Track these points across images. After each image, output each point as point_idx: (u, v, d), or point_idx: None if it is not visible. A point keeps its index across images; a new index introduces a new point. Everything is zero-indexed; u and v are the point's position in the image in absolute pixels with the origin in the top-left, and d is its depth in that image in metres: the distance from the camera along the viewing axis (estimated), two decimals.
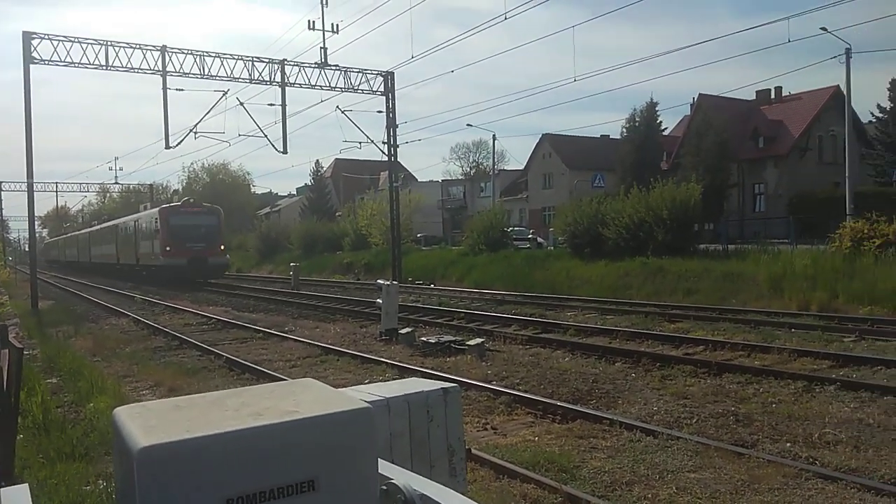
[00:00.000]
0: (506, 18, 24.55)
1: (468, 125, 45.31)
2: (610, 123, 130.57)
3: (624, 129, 45.74)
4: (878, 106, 42.46)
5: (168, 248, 31.77)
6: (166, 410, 1.35)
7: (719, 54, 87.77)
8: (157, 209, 34.91)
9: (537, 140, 59.64)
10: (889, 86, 41.28)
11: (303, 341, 13.03)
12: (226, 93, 27.19)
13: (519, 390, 8.55)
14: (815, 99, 45.79)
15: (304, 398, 1.42)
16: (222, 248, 34.41)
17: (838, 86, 39.06)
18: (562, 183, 54.78)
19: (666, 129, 49.49)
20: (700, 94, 47.71)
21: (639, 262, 22.57)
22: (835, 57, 30.74)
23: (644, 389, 8.59)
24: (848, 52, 30.22)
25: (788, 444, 6.20)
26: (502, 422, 7.47)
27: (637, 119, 44.71)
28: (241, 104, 27.70)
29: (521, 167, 64.18)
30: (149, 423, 1.25)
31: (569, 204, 31.60)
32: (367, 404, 1.42)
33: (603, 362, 10.41)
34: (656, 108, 45.03)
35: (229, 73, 27.11)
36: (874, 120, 43.18)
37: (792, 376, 8.69)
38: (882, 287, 15.16)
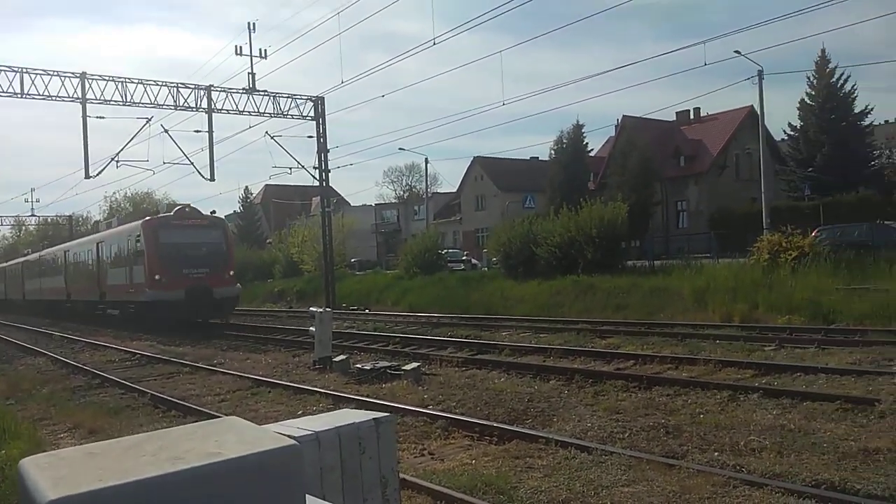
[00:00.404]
0: (434, 44, 24.78)
1: (400, 149, 45.48)
2: (539, 146, 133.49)
3: (552, 151, 46.90)
4: (790, 124, 44.82)
5: (158, 277, 22.56)
6: (78, 459, 1.27)
7: (641, 77, 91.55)
8: (140, 222, 24.85)
9: (469, 163, 60.37)
10: (799, 105, 43.71)
11: (232, 374, 12.64)
12: (149, 120, 26.52)
13: (455, 413, 8.51)
14: (731, 119, 48.09)
15: (226, 438, 1.36)
16: (231, 273, 24.78)
17: (752, 106, 41.18)
18: (494, 204, 55.50)
19: (592, 150, 50.96)
20: (624, 115, 49.45)
21: (570, 280, 23.03)
22: (749, 79, 32.51)
23: (578, 406, 8.69)
24: (760, 74, 31.94)
25: (716, 454, 6.35)
26: (439, 446, 7.41)
27: (564, 141, 45.90)
28: (166, 131, 27.09)
29: (454, 190, 64.75)
30: (58, 473, 1.18)
31: (501, 225, 32.04)
32: (293, 441, 1.37)
33: (538, 381, 10.50)
34: (582, 130, 46.37)
35: (153, 100, 26.51)
36: (786, 138, 45.56)
37: (718, 386, 8.97)
38: (798, 297, 15.93)
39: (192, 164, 27.71)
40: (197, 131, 27.85)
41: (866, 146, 42.45)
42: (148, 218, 25.49)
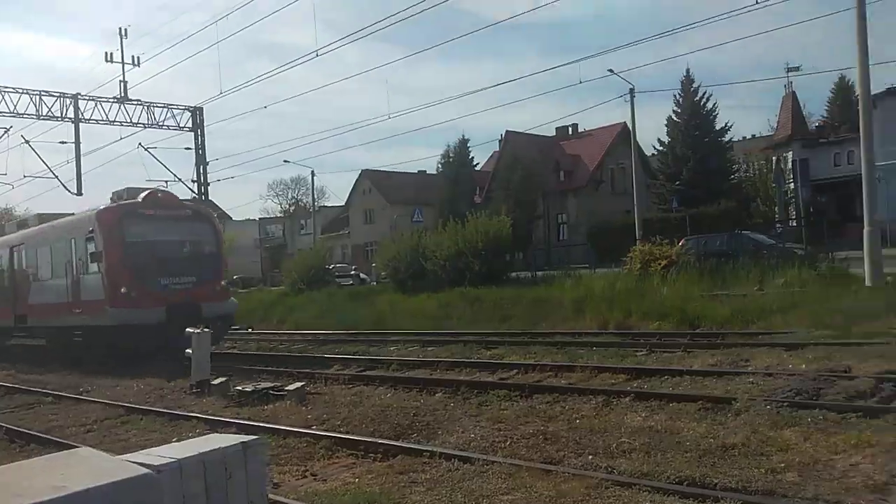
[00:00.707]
0: (317, 55, 24.66)
1: (285, 161, 44.64)
2: (427, 159, 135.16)
3: (439, 165, 47.67)
4: (659, 140, 47.91)
5: (125, 290, 16.24)
6: None
7: (524, 93, 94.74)
8: (94, 212, 17.87)
9: (357, 176, 60.11)
10: (667, 122, 46.75)
11: (101, 402, 11.84)
12: (8, 130, 24.54)
13: (340, 432, 8.38)
14: (606, 134, 50.69)
15: (74, 471, 1.28)
16: (224, 283, 18.56)
17: (626, 122, 43.66)
18: (383, 218, 55.54)
19: (478, 164, 52.18)
20: (507, 130, 50.98)
21: (458, 292, 23.36)
22: (621, 96, 34.56)
23: (462, 417, 8.79)
24: (632, 92, 33.95)
25: (591, 457, 6.61)
26: (323, 467, 7.27)
27: (451, 155, 46.80)
28: (27, 142, 25.20)
29: (342, 203, 64.18)
30: None
31: (390, 239, 32.10)
32: (146, 471, 1.31)
33: (424, 394, 10.54)
34: (468, 145, 47.44)
35: (12, 109, 24.66)
36: (656, 153, 48.58)
37: (593, 392, 9.36)
38: (667, 303, 16.91)
39: (56, 177, 25.91)
40: (62, 142, 26.11)
41: (726, 161, 46.05)
42: (106, 206, 18.12)
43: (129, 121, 27.64)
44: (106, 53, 27.24)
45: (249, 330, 25.34)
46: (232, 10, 43.00)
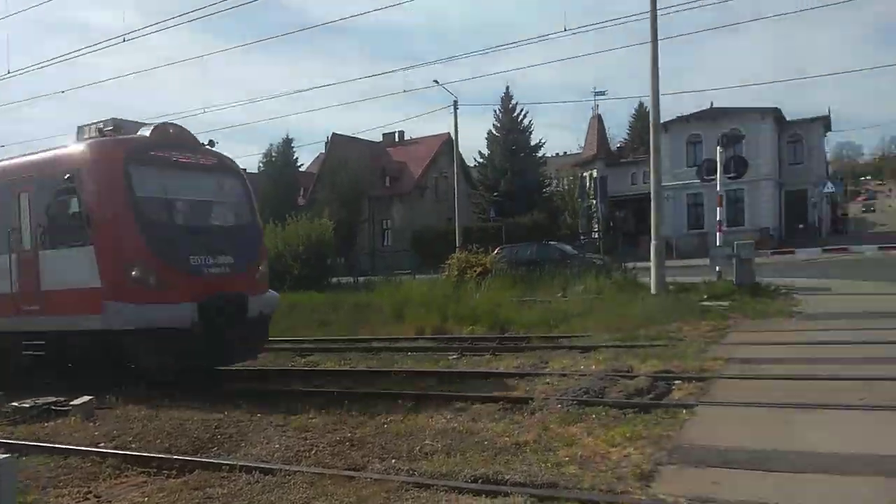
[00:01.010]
0: (125, 40, 22.73)
1: None
2: (247, 157, 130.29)
3: (261, 164, 46.18)
4: (480, 153, 50.09)
5: (138, 273, 10.12)
6: None
7: (352, 97, 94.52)
8: (82, 146, 11.06)
9: None
10: (487, 136, 49.01)
11: None
12: None
13: (130, 449, 7.78)
14: (431, 144, 52.07)
15: None
16: (262, 267, 12.06)
17: (450, 133, 45.15)
18: None
19: (303, 165, 51.28)
20: (334, 133, 50.62)
21: None
22: (446, 107, 35.72)
23: (268, 428, 8.52)
24: (456, 104, 35.19)
25: (394, 461, 6.69)
26: (108, 487, 6.72)
27: (274, 154, 45.51)
28: None
29: None
30: None
31: None
32: None
33: (228, 406, 10.06)
34: (292, 145, 46.43)
35: None
36: (477, 164, 50.75)
37: (404, 396, 9.50)
38: (480, 309, 17.68)
39: None
40: None
41: (540, 175, 49.21)
42: (98, 139, 11.27)
43: None
44: None
45: None
46: None
